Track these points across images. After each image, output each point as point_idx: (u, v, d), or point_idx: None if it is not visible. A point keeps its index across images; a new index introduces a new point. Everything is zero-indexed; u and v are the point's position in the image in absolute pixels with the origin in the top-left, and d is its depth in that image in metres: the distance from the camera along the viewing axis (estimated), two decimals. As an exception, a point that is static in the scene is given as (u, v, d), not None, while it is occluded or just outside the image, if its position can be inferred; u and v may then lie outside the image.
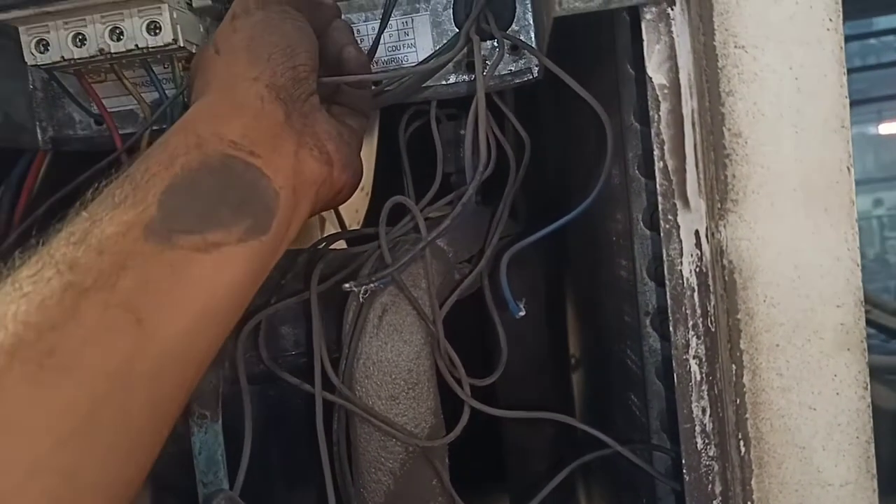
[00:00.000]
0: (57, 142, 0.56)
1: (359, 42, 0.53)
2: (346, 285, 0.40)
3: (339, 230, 0.62)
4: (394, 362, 0.43)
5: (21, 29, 0.48)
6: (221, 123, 0.37)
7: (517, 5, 0.51)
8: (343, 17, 0.53)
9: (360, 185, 0.47)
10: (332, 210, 0.62)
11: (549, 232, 0.44)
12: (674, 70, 0.35)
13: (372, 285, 0.41)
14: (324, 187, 0.41)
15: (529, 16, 0.52)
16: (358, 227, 0.68)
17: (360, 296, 0.41)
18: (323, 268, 0.45)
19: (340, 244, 0.55)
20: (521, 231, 0.57)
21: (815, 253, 0.34)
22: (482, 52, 0.50)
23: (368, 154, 0.64)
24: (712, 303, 0.36)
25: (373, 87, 0.51)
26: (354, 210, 0.69)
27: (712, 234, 0.35)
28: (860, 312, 0.34)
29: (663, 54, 0.36)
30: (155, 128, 0.51)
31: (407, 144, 0.58)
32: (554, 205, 0.69)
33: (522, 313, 0.41)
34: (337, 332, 0.47)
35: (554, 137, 0.65)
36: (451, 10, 0.52)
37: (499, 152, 0.51)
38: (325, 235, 0.55)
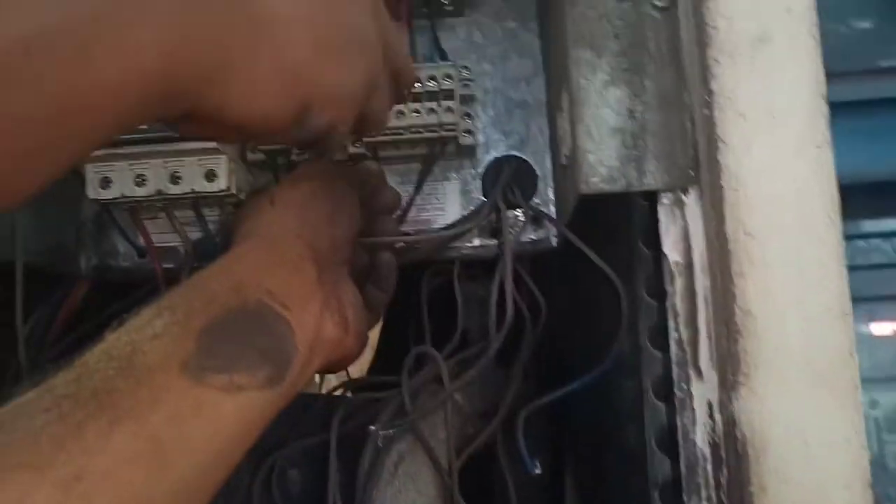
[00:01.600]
0: (99, 270, 0.59)
1: (394, 204, 0.57)
2: (372, 427, 0.41)
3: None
4: (405, 512, 0.43)
5: (88, 166, 0.53)
6: (262, 272, 0.39)
7: (540, 182, 0.57)
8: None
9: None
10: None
11: (566, 393, 0.46)
12: (687, 251, 0.39)
13: (392, 431, 0.42)
14: (336, 351, 0.43)
15: (550, 191, 0.56)
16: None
17: (380, 441, 0.42)
18: (343, 412, 0.46)
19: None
20: (531, 392, 0.59)
21: (824, 432, 0.35)
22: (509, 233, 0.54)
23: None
24: (725, 475, 0.37)
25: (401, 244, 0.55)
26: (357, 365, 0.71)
27: (725, 406, 0.37)
28: (868, 495, 0.35)
29: (677, 235, 0.39)
30: (195, 265, 0.54)
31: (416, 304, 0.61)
32: (563, 369, 0.70)
33: (538, 471, 0.42)
34: (347, 479, 0.47)
35: (566, 303, 0.68)
36: (480, 181, 0.57)
37: (516, 315, 0.54)
38: (345, 380, 0.56)
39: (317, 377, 0.67)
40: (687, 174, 0.39)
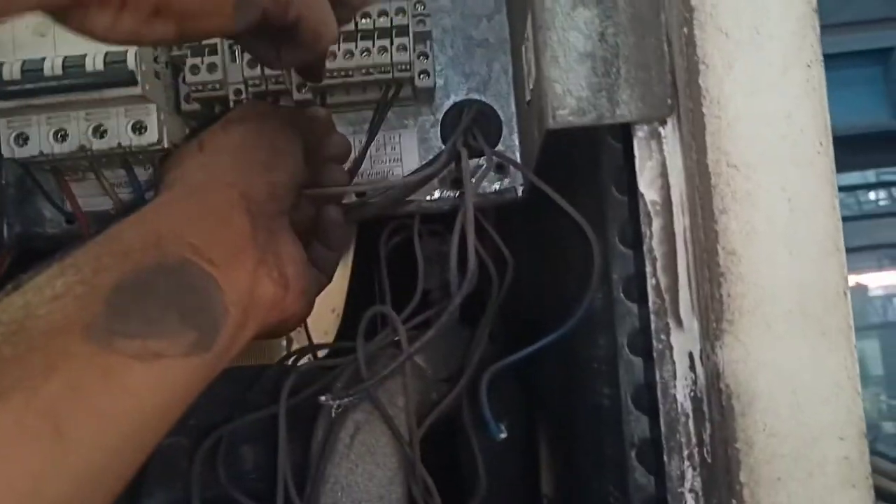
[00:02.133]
0: (23, 239, 0.53)
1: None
2: (322, 398, 0.37)
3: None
4: (364, 487, 0.39)
5: (1, 121, 0.47)
6: (185, 224, 0.34)
7: (504, 127, 0.52)
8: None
9: (332, 307, 0.46)
10: (301, 329, 0.60)
11: (531, 352, 0.42)
12: (665, 187, 0.35)
13: (347, 400, 0.38)
14: (274, 312, 0.38)
15: (515, 137, 0.52)
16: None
17: (333, 411, 0.38)
18: (293, 382, 0.42)
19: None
20: (498, 353, 0.55)
21: (815, 379, 0.32)
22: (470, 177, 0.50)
23: (342, 274, 0.63)
24: (708, 431, 0.34)
25: (355, 198, 0.51)
26: (323, 332, 0.66)
27: (707, 357, 0.34)
28: (864, 446, 0.32)
29: (655, 171, 0.36)
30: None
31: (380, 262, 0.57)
32: (531, 328, 0.67)
33: (504, 435, 0.39)
34: (302, 454, 0.43)
35: (532, 257, 0.64)
36: (439, 128, 0.53)
37: (481, 271, 0.50)
38: (294, 349, 0.52)
39: (283, 342, 0.63)
40: (664, 103, 0.35)
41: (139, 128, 0.47)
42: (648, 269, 0.35)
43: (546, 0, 0.35)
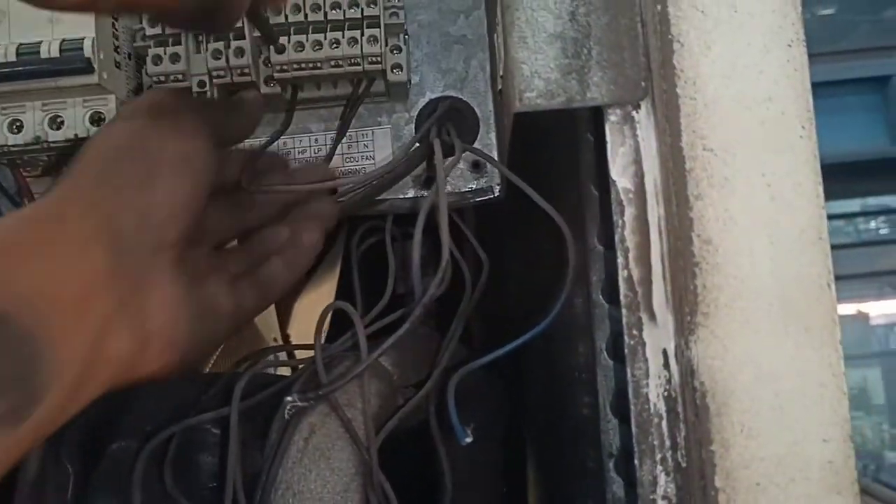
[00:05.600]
0: (-23, 234, 0.51)
1: (318, 151, 0.51)
2: (289, 398, 0.34)
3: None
4: (318, 494, 0.36)
5: (-45, 110, 0.46)
6: (17, 261, 0.28)
7: (481, 125, 0.51)
8: (302, 125, 0.51)
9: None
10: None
11: (502, 354, 0.40)
12: (639, 174, 0.33)
13: (300, 401, 0.36)
14: (129, 370, 0.31)
15: (493, 135, 0.50)
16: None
17: (286, 413, 0.36)
18: (248, 385, 0.40)
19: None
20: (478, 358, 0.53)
21: (797, 377, 0.30)
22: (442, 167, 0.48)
23: (330, 278, 0.61)
24: (682, 433, 0.32)
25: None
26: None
27: (682, 353, 0.31)
28: (850, 450, 0.30)
29: (628, 157, 0.34)
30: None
31: (358, 265, 0.55)
32: (511, 331, 0.65)
33: (469, 439, 0.36)
34: (257, 462, 0.41)
35: (515, 258, 0.62)
36: (413, 125, 0.51)
37: (454, 272, 0.48)
38: (249, 352, 0.49)
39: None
40: (638, 86, 0.33)
41: (97, 119, 0.45)
42: (620, 260, 0.33)
43: (515, -22, 0.34)
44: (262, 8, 0.33)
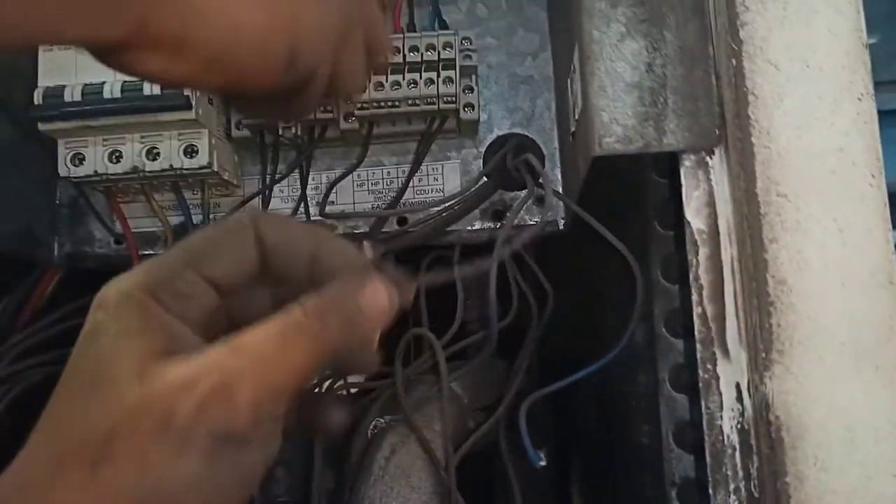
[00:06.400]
0: (73, 258, 0.55)
1: (390, 183, 0.54)
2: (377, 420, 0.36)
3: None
4: (398, 511, 0.38)
5: (60, 141, 0.49)
6: None
7: (546, 161, 0.53)
8: (376, 159, 0.54)
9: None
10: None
11: (571, 382, 0.42)
12: (713, 216, 0.35)
13: (382, 421, 0.38)
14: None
15: (558, 171, 0.53)
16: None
17: (368, 432, 0.38)
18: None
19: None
20: (532, 386, 0.55)
21: (868, 414, 0.31)
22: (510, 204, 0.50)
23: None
24: (755, 464, 0.33)
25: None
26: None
27: (756, 388, 0.33)
28: (920, 486, 0.31)
29: (702, 200, 0.36)
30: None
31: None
32: (567, 362, 0.66)
33: (543, 463, 0.38)
34: (333, 479, 0.43)
35: (570, 292, 0.64)
36: (482, 160, 0.53)
37: (520, 303, 0.50)
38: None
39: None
40: (712, 133, 0.35)
41: (191, 151, 0.49)
42: (695, 297, 0.35)
43: (594, 32, 0.36)
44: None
